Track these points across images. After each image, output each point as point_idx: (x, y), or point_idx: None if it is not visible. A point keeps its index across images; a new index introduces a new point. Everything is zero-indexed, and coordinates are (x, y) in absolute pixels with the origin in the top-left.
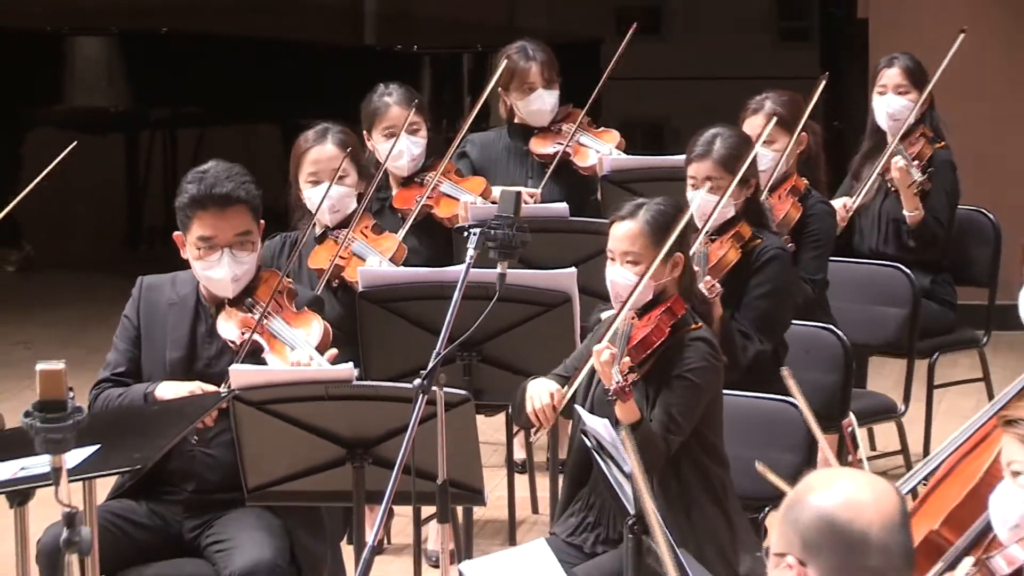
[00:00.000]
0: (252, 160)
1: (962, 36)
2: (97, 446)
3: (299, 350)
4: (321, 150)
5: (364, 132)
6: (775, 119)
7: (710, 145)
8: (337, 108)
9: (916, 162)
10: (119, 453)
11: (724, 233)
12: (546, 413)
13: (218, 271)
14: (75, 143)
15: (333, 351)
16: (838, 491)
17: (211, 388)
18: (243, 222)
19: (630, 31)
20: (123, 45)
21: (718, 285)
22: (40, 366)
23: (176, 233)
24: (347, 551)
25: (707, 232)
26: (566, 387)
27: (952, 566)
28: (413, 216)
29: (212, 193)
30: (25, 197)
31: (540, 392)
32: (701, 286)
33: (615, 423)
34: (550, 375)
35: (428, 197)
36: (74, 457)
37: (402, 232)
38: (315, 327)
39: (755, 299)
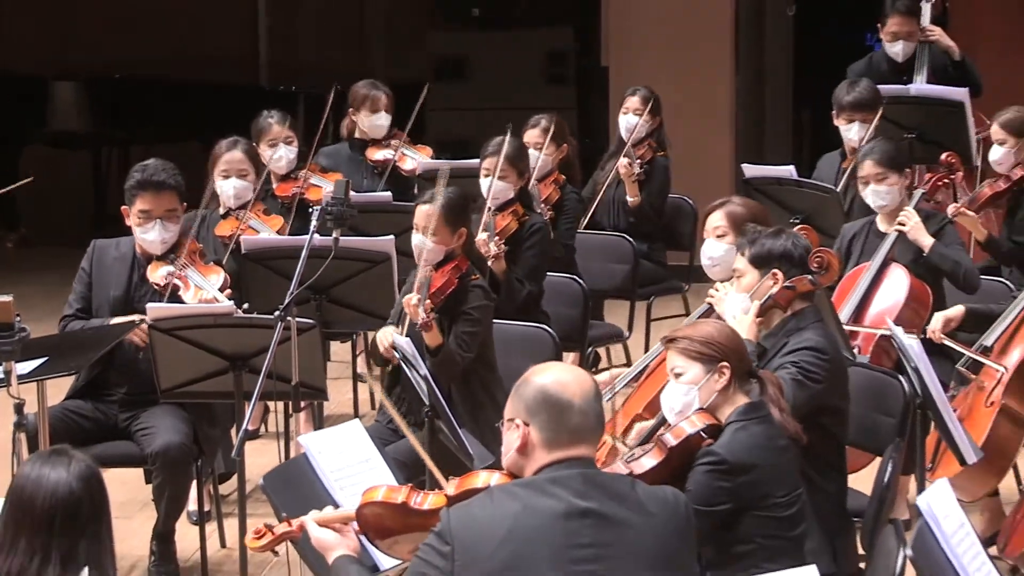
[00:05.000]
0: (181, 167)
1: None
2: (45, 358)
3: (206, 290)
4: (232, 155)
5: (253, 143)
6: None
7: (499, 146)
8: (240, 131)
9: (639, 160)
10: (61, 362)
11: (506, 209)
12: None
13: (152, 235)
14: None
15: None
16: (551, 373)
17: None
18: (171, 202)
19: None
20: (89, 87)
21: (504, 245)
22: None
23: (124, 207)
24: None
25: (496, 207)
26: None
27: (647, 438)
28: (296, 202)
29: (151, 180)
30: (20, 192)
31: (385, 337)
32: (492, 245)
33: (424, 350)
34: (387, 324)
35: (303, 188)
36: (28, 366)
37: (291, 217)
38: (219, 276)
39: (527, 257)
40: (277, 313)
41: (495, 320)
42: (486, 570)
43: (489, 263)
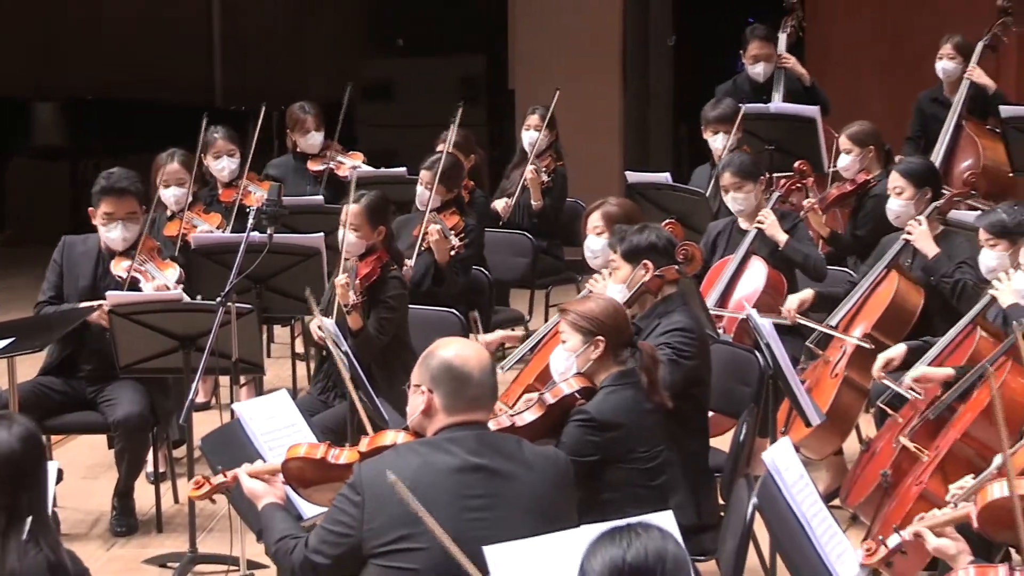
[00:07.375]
0: (146, 176)
1: (557, 93)
2: (13, 338)
3: (162, 280)
4: (170, 167)
5: (201, 155)
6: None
7: (435, 163)
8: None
9: (544, 169)
10: (27, 341)
11: (445, 210)
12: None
13: (115, 234)
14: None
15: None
16: (454, 348)
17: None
18: (131, 206)
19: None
20: (67, 107)
21: (464, 238)
22: None
23: (90, 208)
24: None
25: (435, 209)
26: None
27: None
28: (236, 206)
29: (115, 186)
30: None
31: (315, 326)
32: (453, 239)
33: (347, 332)
34: (318, 308)
35: (242, 193)
36: None
37: (231, 218)
38: (175, 270)
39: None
40: (219, 299)
41: (421, 306)
42: (392, 516)
43: (451, 253)
